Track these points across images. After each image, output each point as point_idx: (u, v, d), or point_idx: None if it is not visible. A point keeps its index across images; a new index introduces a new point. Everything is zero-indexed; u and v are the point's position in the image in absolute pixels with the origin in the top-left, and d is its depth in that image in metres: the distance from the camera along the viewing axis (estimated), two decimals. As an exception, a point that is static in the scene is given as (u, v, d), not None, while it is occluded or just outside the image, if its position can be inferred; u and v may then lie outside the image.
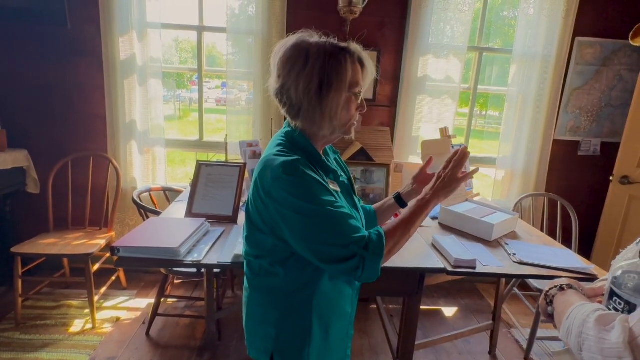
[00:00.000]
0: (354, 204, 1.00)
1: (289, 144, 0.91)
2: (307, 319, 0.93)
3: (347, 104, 0.89)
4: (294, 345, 0.95)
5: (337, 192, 0.92)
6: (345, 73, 0.85)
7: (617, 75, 2.67)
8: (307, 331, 0.94)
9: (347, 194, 0.99)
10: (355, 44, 0.90)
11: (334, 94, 0.85)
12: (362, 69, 0.91)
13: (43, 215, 2.45)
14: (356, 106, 0.92)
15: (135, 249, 1.33)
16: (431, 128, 2.63)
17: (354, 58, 0.88)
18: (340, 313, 1.00)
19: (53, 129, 2.58)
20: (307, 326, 0.94)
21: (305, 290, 0.92)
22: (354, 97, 0.90)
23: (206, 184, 1.83)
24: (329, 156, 1.05)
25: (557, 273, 1.43)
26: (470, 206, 1.96)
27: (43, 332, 2.14)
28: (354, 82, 0.88)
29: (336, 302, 0.97)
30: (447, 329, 2.36)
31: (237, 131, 2.60)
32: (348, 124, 0.93)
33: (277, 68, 0.88)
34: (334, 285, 0.95)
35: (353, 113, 0.92)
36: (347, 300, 1.01)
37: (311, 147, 0.92)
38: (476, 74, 2.78)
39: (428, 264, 1.42)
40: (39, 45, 2.45)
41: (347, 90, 0.87)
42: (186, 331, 2.25)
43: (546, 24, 2.51)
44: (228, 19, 2.47)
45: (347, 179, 1.04)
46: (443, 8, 2.49)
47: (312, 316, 0.93)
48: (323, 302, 0.94)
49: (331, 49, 0.86)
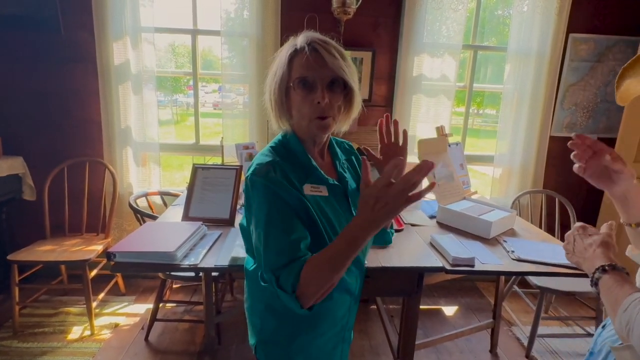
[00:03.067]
0: (349, 208, 0.94)
1: (279, 145, 0.91)
2: (288, 318, 0.92)
3: (291, 96, 0.84)
4: (275, 341, 0.96)
5: (314, 196, 0.86)
6: (284, 65, 0.83)
7: (611, 71, 2.67)
8: (289, 330, 0.93)
9: (339, 197, 0.92)
10: (308, 32, 0.84)
11: (275, 88, 0.85)
12: (312, 54, 0.80)
13: (39, 222, 2.44)
14: (306, 97, 0.82)
15: (131, 254, 1.32)
16: (427, 127, 2.63)
17: (296, 47, 0.82)
18: (329, 317, 0.96)
19: (48, 136, 2.56)
20: (289, 325, 0.93)
21: None
22: (296, 86, 0.82)
23: (202, 187, 1.83)
24: (337, 158, 0.99)
25: (556, 269, 1.43)
26: (467, 204, 1.95)
27: (41, 339, 2.13)
28: (296, 71, 0.82)
29: (321, 306, 0.85)
30: (447, 328, 2.36)
31: (234, 134, 2.60)
32: (307, 118, 0.84)
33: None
34: None
35: (304, 104, 0.82)
36: (338, 305, 0.96)
37: (299, 148, 0.89)
38: (471, 73, 2.78)
39: (426, 263, 1.41)
40: (33, 52, 2.45)
41: (287, 82, 0.83)
42: (185, 336, 2.24)
43: (540, 21, 2.52)
44: (223, 22, 2.47)
45: (345, 182, 0.96)
46: (437, 7, 2.49)
47: (293, 316, 0.90)
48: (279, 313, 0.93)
49: (289, 43, 0.85)
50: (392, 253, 1.47)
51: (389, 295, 2.50)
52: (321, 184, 0.89)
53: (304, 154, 0.89)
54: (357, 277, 0.99)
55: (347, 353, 1.08)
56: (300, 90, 0.82)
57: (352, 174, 1.02)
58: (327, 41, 0.83)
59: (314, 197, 0.86)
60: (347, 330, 1.04)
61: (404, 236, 1.67)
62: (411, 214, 1.97)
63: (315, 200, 0.86)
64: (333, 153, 1.00)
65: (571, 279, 2.04)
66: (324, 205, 0.88)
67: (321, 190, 0.88)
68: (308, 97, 0.82)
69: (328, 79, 0.81)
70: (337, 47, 0.84)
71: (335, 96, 0.83)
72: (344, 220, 0.91)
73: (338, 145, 1.04)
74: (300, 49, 0.81)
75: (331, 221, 0.88)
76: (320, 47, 0.80)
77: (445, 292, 2.84)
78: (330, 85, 0.82)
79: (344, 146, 1.06)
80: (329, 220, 0.88)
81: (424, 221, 1.89)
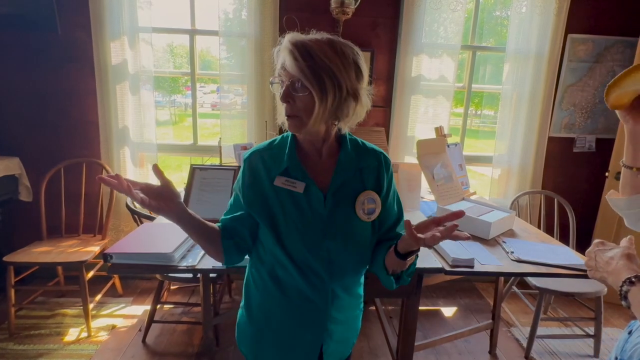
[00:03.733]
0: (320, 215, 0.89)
1: (281, 138, 0.97)
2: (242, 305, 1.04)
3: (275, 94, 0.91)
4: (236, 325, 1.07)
5: (284, 189, 0.90)
6: (272, 62, 0.90)
7: (610, 72, 2.67)
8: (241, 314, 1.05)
9: (313, 200, 0.89)
10: (292, 33, 0.85)
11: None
12: (287, 55, 0.82)
13: (36, 223, 2.42)
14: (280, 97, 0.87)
15: (128, 255, 1.31)
16: (426, 128, 2.63)
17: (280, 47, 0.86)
18: (269, 297, 0.97)
19: (45, 136, 2.55)
20: (242, 311, 1.04)
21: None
22: (272, 85, 0.90)
23: (200, 188, 1.82)
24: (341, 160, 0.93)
25: (556, 270, 1.43)
26: (467, 205, 1.95)
27: (37, 341, 2.11)
28: (275, 70, 0.88)
29: (264, 289, 0.98)
30: (446, 329, 2.35)
31: (232, 134, 2.59)
32: (283, 117, 0.91)
33: None
34: (258, 271, 0.99)
35: (280, 103, 0.89)
36: (282, 286, 0.94)
37: (287, 142, 0.94)
38: (470, 73, 2.78)
39: (426, 264, 1.41)
40: (30, 52, 2.43)
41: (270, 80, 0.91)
42: (183, 338, 2.23)
43: (538, 22, 2.52)
44: (221, 23, 2.46)
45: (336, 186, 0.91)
46: (435, 8, 2.49)
47: (243, 301, 1.03)
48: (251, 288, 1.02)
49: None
50: (391, 254, 1.46)
51: (388, 297, 2.49)
52: (297, 179, 0.90)
53: (290, 148, 0.92)
54: (320, 290, 0.93)
55: (337, 353, 1.02)
56: (274, 90, 0.90)
57: (366, 179, 0.94)
58: (297, 43, 0.81)
59: (283, 189, 0.90)
60: (331, 322, 0.96)
61: (403, 237, 1.66)
62: (410, 215, 1.96)
63: (282, 192, 0.90)
64: (343, 154, 0.93)
65: (570, 279, 2.05)
66: (289, 199, 0.90)
67: (295, 186, 0.89)
68: (280, 97, 0.87)
69: (288, 81, 0.84)
70: (308, 47, 0.81)
71: (300, 97, 0.84)
72: (311, 222, 0.89)
73: (363, 151, 0.96)
74: (277, 51, 0.87)
75: (290, 214, 0.89)
76: (287, 50, 0.82)
77: (444, 293, 2.83)
78: (292, 86, 0.84)
79: (373, 151, 0.98)
80: (288, 212, 0.89)
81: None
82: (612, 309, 2.62)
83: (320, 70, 0.81)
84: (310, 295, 0.93)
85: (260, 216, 0.91)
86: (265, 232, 0.92)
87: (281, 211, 0.90)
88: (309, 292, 0.93)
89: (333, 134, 0.93)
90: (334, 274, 0.93)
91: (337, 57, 0.82)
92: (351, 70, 0.84)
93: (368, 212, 0.93)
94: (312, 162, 0.93)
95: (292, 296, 0.94)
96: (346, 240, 0.92)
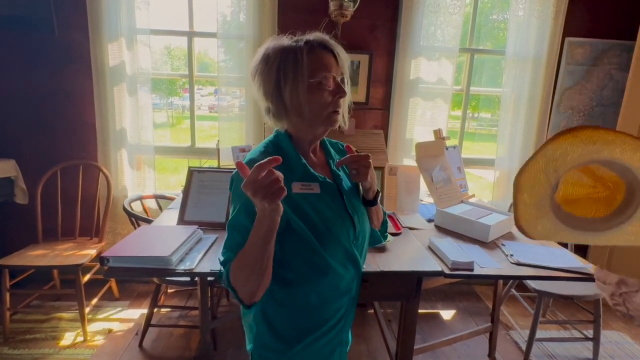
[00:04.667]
0: (343, 206, 0.94)
1: (271, 144, 0.93)
2: (282, 324, 0.94)
3: (314, 93, 0.85)
4: (271, 346, 0.95)
5: (305, 194, 0.88)
6: (300, 63, 0.83)
7: (607, 75, 2.68)
8: (285, 335, 0.93)
9: (332, 194, 0.93)
10: (317, 33, 0.88)
11: (290, 87, 0.84)
12: (326, 53, 0.87)
13: (31, 226, 2.39)
14: (329, 92, 0.86)
15: (125, 259, 1.29)
16: (425, 130, 2.63)
17: (311, 45, 0.85)
18: (325, 319, 0.95)
19: (41, 138, 2.53)
20: (285, 329, 0.94)
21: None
22: (322, 83, 0.85)
23: (198, 191, 1.80)
24: (331, 157, 1.01)
25: (555, 273, 1.42)
26: (466, 207, 1.94)
27: (32, 346, 2.08)
28: (316, 68, 0.84)
29: (319, 307, 0.93)
30: (445, 333, 2.34)
31: (230, 137, 2.58)
32: (325, 113, 0.88)
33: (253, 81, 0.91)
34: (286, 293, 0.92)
35: (326, 100, 0.86)
36: (335, 307, 0.95)
37: (289, 148, 0.91)
38: (468, 76, 2.78)
39: (425, 267, 1.40)
40: (27, 53, 2.42)
41: (307, 79, 0.84)
42: (180, 341, 2.21)
43: (536, 25, 2.53)
44: (219, 25, 2.45)
45: (340, 180, 0.97)
46: (434, 11, 2.50)
47: (290, 321, 0.93)
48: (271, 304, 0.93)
49: (288, 45, 0.86)
50: (391, 257, 1.46)
51: (387, 300, 2.48)
52: (313, 181, 0.91)
53: (294, 153, 0.91)
54: (355, 278, 0.97)
55: (345, 356, 1.06)
56: (323, 84, 0.86)
57: (345, 173, 1.02)
58: (334, 42, 0.89)
59: (304, 195, 0.88)
60: (345, 332, 1.02)
61: (402, 240, 1.65)
62: (409, 218, 1.96)
63: (306, 198, 0.88)
64: (326, 152, 1.02)
65: (569, 282, 2.04)
66: (316, 202, 0.89)
67: (312, 188, 0.90)
68: (327, 93, 0.87)
69: (340, 76, 0.88)
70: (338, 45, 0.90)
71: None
72: (339, 217, 0.91)
73: (332, 146, 1.06)
74: (321, 46, 0.87)
75: (325, 216, 0.89)
76: (332, 46, 0.88)
77: (443, 296, 2.82)
78: (341, 81, 0.89)
79: (337, 147, 1.07)
80: (322, 215, 0.88)
81: (422, 225, 1.87)
82: (611, 312, 2.62)
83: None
84: (346, 286, 0.95)
85: (298, 226, 0.85)
86: (298, 245, 0.86)
87: (317, 215, 0.87)
88: (347, 284, 0.95)
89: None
90: (362, 256, 0.99)
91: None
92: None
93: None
94: (310, 161, 0.95)
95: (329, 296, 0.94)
96: (364, 222, 0.99)
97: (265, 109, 0.91)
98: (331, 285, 0.92)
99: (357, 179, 0.95)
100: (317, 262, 0.88)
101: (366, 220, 1.00)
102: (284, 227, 0.84)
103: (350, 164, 0.93)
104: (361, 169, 0.93)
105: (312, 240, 0.86)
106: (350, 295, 0.98)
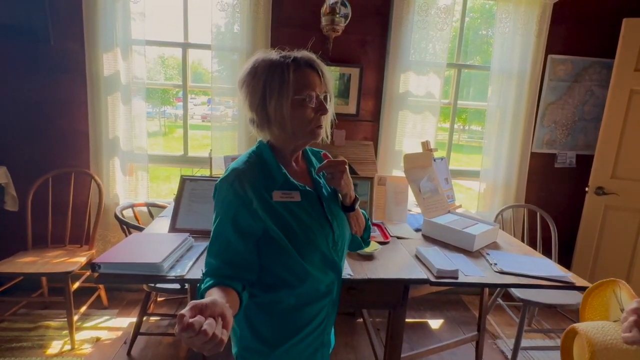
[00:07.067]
0: (323, 213, 0.97)
1: (253, 155, 0.97)
2: (265, 328, 0.97)
3: (297, 109, 0.89)
4: (255, 349, 0.98)
5: (285, 202, 0.91)
6: (286, 79, 0.87)
7: (588, 91, 2.79)
8: (268, 338, 0.97)
9: (312, 202, 0.96)
10: (305, 51, 0.93)
11: (275, 101, 0.88)
12: (312, 72, 0.91)
13: (21, 233, 2.39)
14: (312, 109, 0.91)
15: (116, 265, 1.31)
16: (413, 142, 2.69)
17: (298, 64, 0.89)
18: (307, 322, 0.98)
19: (33, 145, 2.53)
20: (268, 333, 0.97)
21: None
22: (306, 100, 0.89)
23: (190, 199, 1.83)
24: (312, 165, 1.05)
25: (537, 282, 1.47)
26: (452, 217, 1.99)
27: (19, 354, 2.06)
28: (301, 86, 0.88)
29: (300, 310, 0.96)
30: (433, 341, 2.37)
31: (222, 146, 2.61)
32: (307, 129, 0.92)
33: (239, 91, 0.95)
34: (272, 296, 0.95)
35: (309, 116, 0.91)
36: (316, 310, 0.98)
37: (271, 158, 0.95)
38: (455, 90, 2.87)
39: (411, 274, 1.44)
40: (21, 62, 2.43)
41: (292, 96, 0.88)
42: (169, 350, 2.20)
43: (521, 42, 2.63)
44: (213, 37, 2.51)
45: (320, 188, 1.01)
46: (423, 27, 2.58)
47: (271, 325, 0.96)
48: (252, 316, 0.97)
49: (276, 60, 0.89)
50: (378, 265, 1.49)
51: (375, 308, 2.51)
52: (293, 189, 0.94)
53: (274, 163, 0.95)
54: (335, 281, 1.00)
55: (327, 357, 1.08)
56: (307, 102, 0.90)
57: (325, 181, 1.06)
58: (320, 61, 0.94)
59: (284, 203, 0.92)
60: (327, 334, 1.05)
61: (390, 249, 1.69)
62: (397, 227, 2.00)
63: (286, 206, 0.92)
64: (308, 161, 1.06)
65: (553, 291, 2.10)
66: (296, 210, 0.93)
67: (293, 196, 0.93)
68: (310, 110, 0.91)
69: (323, 94, 0.93)
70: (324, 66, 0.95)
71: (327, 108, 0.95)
72: (318, 223, 0.95)
73: (314, 155, 1.10)
74: (307, 65, 0.91)
75: (305, 223, 0.92)
76: (318, 66, 0.92)
77: (431, 306, 2.86)
78: (324, 99, 0.93)
79: (318, 155, 1.11)
80: (302, 222, 0.92)
81: (409, 234, 1.92)
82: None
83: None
84: (326, 288, 0.98)
85: (276, 234, 0.89)
86: (276, 252, 0.91)
87: (297, 223, 0.91)
88: (325, 287, 0.98)
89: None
90: (342, 260, 1.03)
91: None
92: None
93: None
94: (291, 170, 0.99)
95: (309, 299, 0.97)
96: (343, 227, 1.02)
97: (250, 119, 0.96)
98: (311, 288, 0.95)
99: (332, 183, 0.99)
100: (295, 269, 0.92)
101: (346, 225, 1.04)
102: (261, 235, 0.90)
103: (327, 168, 0.97)
104: (336, 173, 0.97)
105: (289, 248, 0.90)
106: (331, 297, 1.01)
